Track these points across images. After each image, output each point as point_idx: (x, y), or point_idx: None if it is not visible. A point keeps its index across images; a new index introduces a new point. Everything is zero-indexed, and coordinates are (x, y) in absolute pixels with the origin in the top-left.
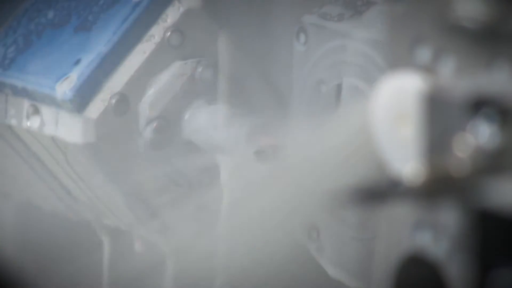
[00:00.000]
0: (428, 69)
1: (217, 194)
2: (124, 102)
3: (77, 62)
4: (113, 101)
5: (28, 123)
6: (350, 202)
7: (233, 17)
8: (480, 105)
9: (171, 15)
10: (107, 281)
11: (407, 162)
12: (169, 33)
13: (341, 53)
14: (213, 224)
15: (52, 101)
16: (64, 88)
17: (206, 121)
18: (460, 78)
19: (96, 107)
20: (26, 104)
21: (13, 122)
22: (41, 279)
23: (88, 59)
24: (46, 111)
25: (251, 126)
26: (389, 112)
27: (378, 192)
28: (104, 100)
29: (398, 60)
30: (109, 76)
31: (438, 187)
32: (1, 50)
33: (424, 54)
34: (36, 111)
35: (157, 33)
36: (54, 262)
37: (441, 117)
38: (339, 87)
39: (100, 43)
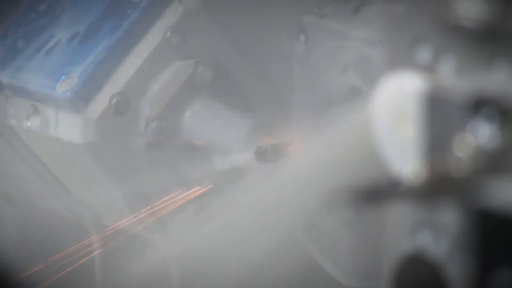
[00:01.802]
0: (428, 69)
1: (216, 194)
2: (124, 102)
3: (77, 62)
4: (113, 101)
5: (28, 123)
6: (350, 202)
7: (232, 17)
8: (480, 105)
9: (170, 16)
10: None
11: (407, 162)
12: (168, 34)
13: (341, 53)
14: (212, 224)
15: (52, 101)
16: (64, 88)
17: (206, 121)
18: (460, 78)
19: (96, 107)
20: (26, 104)
21: (13, 122)
22: (41, 279)
23: (88, 59)
24: (46, 111)
25: (251, 126)
26: (389, 112)
27: (378, 192)
28: (104, 100)
29: (398, 60)
30: (109, 76)
31: (438, 187)
32: (1, 50)
33: (424, 54)
34: (36, 111)
35: (156, 33)
36: (53, 262)
37: (441, 117)
38: (339, 87)
39: (100, 43)
